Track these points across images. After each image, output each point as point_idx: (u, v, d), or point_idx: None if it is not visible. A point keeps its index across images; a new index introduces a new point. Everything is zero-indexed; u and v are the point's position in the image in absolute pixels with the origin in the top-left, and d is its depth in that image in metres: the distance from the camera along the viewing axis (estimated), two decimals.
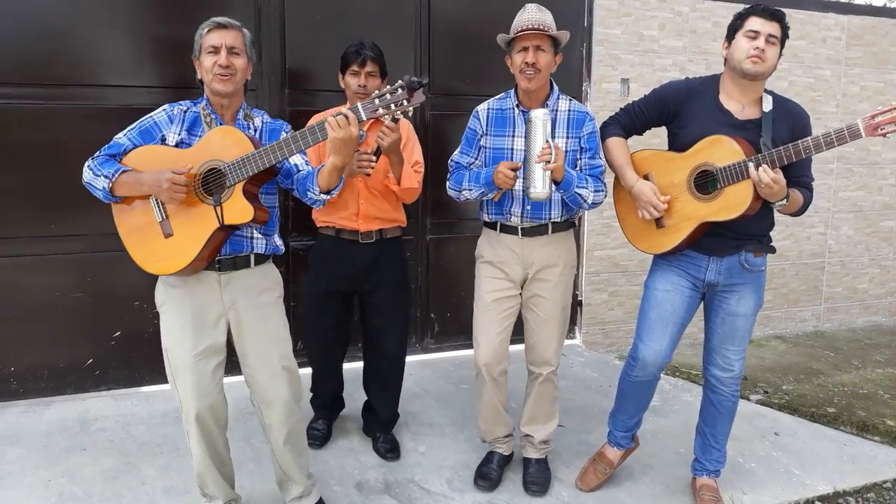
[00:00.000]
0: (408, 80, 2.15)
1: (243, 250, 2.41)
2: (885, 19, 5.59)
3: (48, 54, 3.55)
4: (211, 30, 2.32)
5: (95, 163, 2.31)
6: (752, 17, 2.51)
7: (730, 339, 2.77)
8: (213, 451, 2.46)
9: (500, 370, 2.91)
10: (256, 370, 2.47)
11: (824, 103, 5.41)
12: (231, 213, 2.24)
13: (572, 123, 2.80)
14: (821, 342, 5.41)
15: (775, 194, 2.43)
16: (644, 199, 2.68)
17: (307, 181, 2.40)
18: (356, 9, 4.07)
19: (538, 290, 2.88)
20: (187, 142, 2.35)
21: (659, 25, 4.82)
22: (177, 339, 2.38)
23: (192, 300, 2.38)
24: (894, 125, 2.33)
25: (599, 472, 3.00)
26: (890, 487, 3.15)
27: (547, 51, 2.68)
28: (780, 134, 2.53)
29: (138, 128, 2.36)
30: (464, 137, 2.92)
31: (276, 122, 2.53)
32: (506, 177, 2.63)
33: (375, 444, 3.25)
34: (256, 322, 2.44)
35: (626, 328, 4.97)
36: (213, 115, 2.38)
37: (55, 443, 3.27)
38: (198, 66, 2.38)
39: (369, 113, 2.20)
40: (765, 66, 2.50)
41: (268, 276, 2.51)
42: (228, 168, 2.23)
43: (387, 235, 3.10)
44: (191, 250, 2.26)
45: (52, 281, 3.69)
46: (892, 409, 4.06)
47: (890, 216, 5.88)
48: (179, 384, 2.40)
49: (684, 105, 2.68)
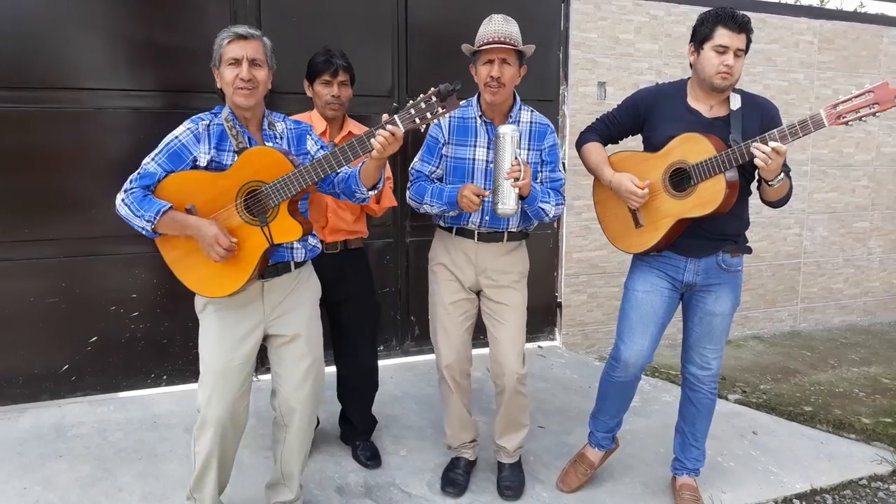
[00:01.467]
0: (443, 87, 2.16)
1: (284, 259, 2.43)
2: (855, 24, 5.69)
3: (20, 57, 3.50)
4: (231, 41, 2.28)
5: (132, 199, 2.23)
6: (720, 29, 2.51)
7: (707, 338, 2.79)
8: (223, 460, 2.46)
9: (462, 372, 2.89)
10: (287, 373, 2.49)
11: (798, 106, 5.48)
12: (279, 233, 2.26)
13: (534, 136, 2.79)
14: (797, 342, 5.48)
15: (773, 170, 2.44)
16: (623, 189, 2.69)
17: (351, 182, 2.43)
18: (333, 12, 4.07)
19: (496, 296, 2.85)
20: (217, 159, 2.31)
21: (635, 29, 4.87)
22: (213, 346, 2.38)
23: (234, 309, 2.39)
24: (855, 113, 2.38)
25: (580, 473, 3.01)
26: (866, 484, 3.19)
27: (512, 64, 2.65)
28: (750, 128, 2.57)
29: (166, 151, 2.28)
30: (424, 145, 2.86)
31: (298, 125, 2.52)
32: (471, 202, 2.59)
33: (355, 452, 3.23)
34: (293, 325, 2.46)
35: (605, 329, 5.00)
36: (239, 127, 2.33)
37: (30, 450, 3.22)
38: (217, 77, 2.33)
39: (407, 125, 2.21)
40: (733, 79, 2.55)
41: (306, 279, 2.55)
42: (271, 189, 2.23)
43: (350, 246, 3.09)
44: (244, 272, 2.27)
45: (27, 286, 3.64)
46: (868, 407, 4.11)
47: (863, 217, 5.97)
48: (207, 389, 2.38)
49: (654, 108, 2.72)
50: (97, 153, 3.68)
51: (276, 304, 2.44)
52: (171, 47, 3.76)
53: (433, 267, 2.95)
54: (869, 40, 5.72)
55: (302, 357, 2.48)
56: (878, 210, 6.02)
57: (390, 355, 4.51)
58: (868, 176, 5.92)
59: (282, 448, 2.58)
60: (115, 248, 3.76)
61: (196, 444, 2.44)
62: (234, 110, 2.34)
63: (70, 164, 3.65)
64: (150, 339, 3.89)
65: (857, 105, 2.37)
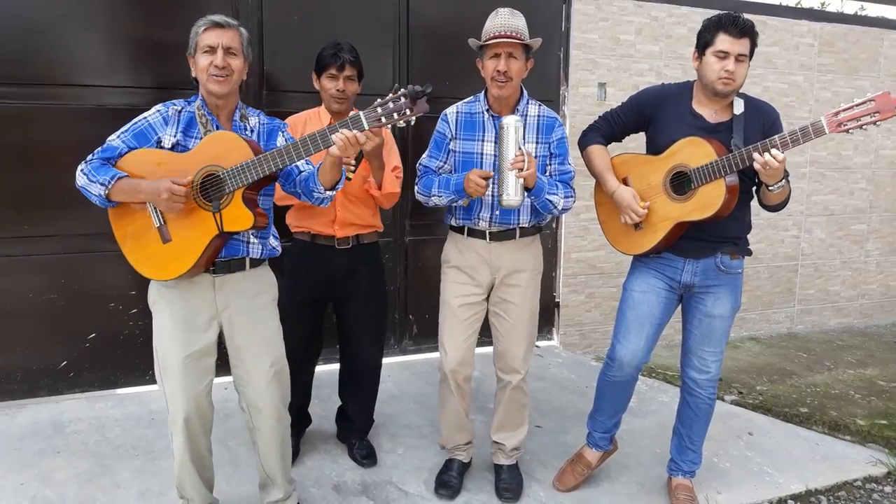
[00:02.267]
0: (410, 89, 2.14)
1: (238, 254, 2.40)
2: (856, 27, 5.70)
3: (21, 53, 3.51)
4: (207, 28, 2.28)
5: (90, 167, 2.25)
6: (721, 35, 2.51)
7: (706, 341, 2.80)
8: (195, 454, 2.44)
9: (466, 376, 2.89)
10: (248, 374, 2.46)
11: (797, 108, 5.49)
12: (230, 220, 2.23)
13: (542, 129, 2.80)
14: (794, 343, 5.49)
15: (775, 175, 2.45)
16: (624, 204, 2.71)
17: (310, 182, 2.40)
18: (335, 11, 4.07)
19: (507, 294, 2.86)
20: (183, 144, 2.31)
21: (636, 30, 4.87)
22: (168, 340, 2.37)
23: (185, 302, 2.37)
24: (856, 121, 2.38)
25: (577, 473, 3.02)
26: (861, 486, 3.20)
27: (518, 58, 2.65)
28: (752, 133, 2.58)
29: (132, 130, 2.30)
30: (432, 141, 2.87)
31: (272, 121, 2.51)
32: (477, 185, 2.59)
33: (351, 451, 3.23)
34: (249, 325, 2.43)
35: (603, 329, 5.01)
36: (209, 116, 2.34)
37: (28, 446, 3.23)
38: (192, 64, 2.33)
39: (372, 122, 2.19)
40: (735, 84, 2.55)
41: (262, 279, 2.51)
42: (228, 174, 2.21)
43: (363, 241, 3.06)
44: (190, 256, 2.25)
45: (26, 282, 3.64)
46: (863, 408, 4.13)
47: (861, 219, 5.98)
48: (168, 385, 2.38)
49: (659, 109, 2.72)
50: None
51: (229, 301, 2.40)
52: (173, 45, 3.74)
53: (446, 269, 2.93)
54: (869, 43, 5.73)
55: (261, 357, 2.45)
56: (875, 213, 6.03)
57: (388, 354, 4.49)
58: (866, 179, 5.93)
59: (258, 450, 2.57)
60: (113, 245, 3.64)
61: (172, 441, 2.44)
62: (206, 98, 2.34)
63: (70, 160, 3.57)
64: (148, 335, 3.79)
65: (857, 113, 2.38)
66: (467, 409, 2.97)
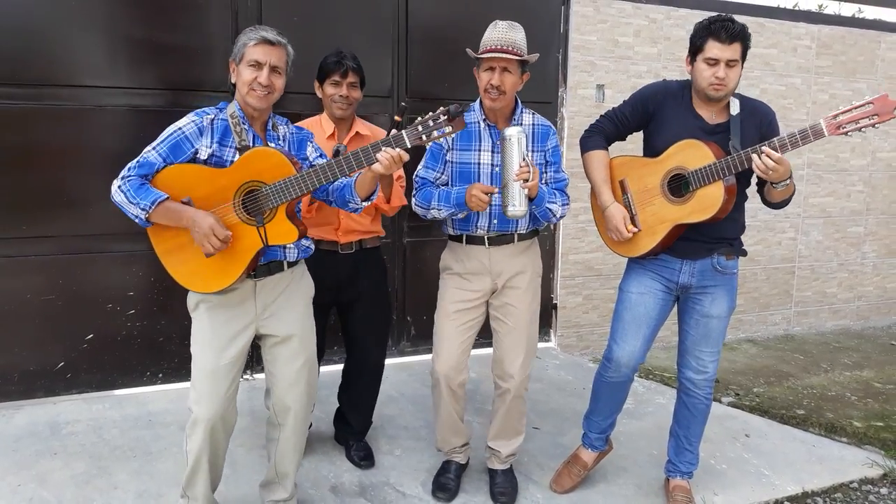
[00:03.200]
0: (453, 108, 2.21)
1: (277, 257, 2.44)
2: (853, 29, 5.71)
3: (21, 54, 3.50)
4: (258, 43, 2.28)
5: (128, 186, 2.22)
6: (711, 41, 2.51)
7: (703, 341, 2.81)
8: (213, 458, 2.46)
9: (459, 382, 2.88)
10: (280, 372, 2.50)
11: (795, 111, 5.50)
12: (275, 235, 2.27)
13: (537, 137, 2.81)
14: (791, 345, 5.50)
15: (782, 175, 2.46)
16: (613, 224, 2.73)
17: (345, 192, 2.44)
18: (334, 13, 4.08)
19: (507, 298, 2.86)
20: (218, 154, 2.31)
21: (634, 32, 4.88)
22: (204, 345, 2.38)
23: (225, 308, 2.39)
24: (855, 124, 2.40)
25: (574, 475, 3.03)
26: (857, 487, 3.21)
27: (513, 72, 2.64)
28: (749, 133, 2.59)
29: (168, 141, 2.27)
30: (428, 151, 2.84)
31: (300, 131, 2.53)
32: (479, 200, 2.58)
33: (349, 452, 3.24)
34: (286, 324, 2.47)
35: (600, 331, 5.02)
36: (245, 125, 2.34)
37: (25, 447, 3.22)
38: (234, 72, 2.33)
39: (414, 141, 2.24)
40: (727, 89, 2.56)
41: (299, 280, 2.55)
42: (271, 191, 2.23)
43: (366, 246, 3.09)
44: (235, 270, 2.28)
45: (23, 283, 3.64)
46: (860, 410, 4.14)
47: (858, 222, 6.00)
48: (198, 388, 2.39)
49: (662, 107, 2.72)
50: (97, 151, 3.68)
51: (268, 303, 2.44)
52: (172, 45, 3.77)
53: (445, 276, 2.93)
54: (866, 46, 5.75)
55: (295, 356, 2.49)
56: (872, 215, 6.04)
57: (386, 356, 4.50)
58: (863, 181, 5.95)
59: (276, 447, 2.59)
60: (112, 246, 3.76)
61: (188, 442, 2.45)
62: (244, 108, 2.35)
63: (69, 161, 3.65)
64: (146, 336, 3.90)
65: (856, 116, 2.39)
66: (461, 412, 2.96)
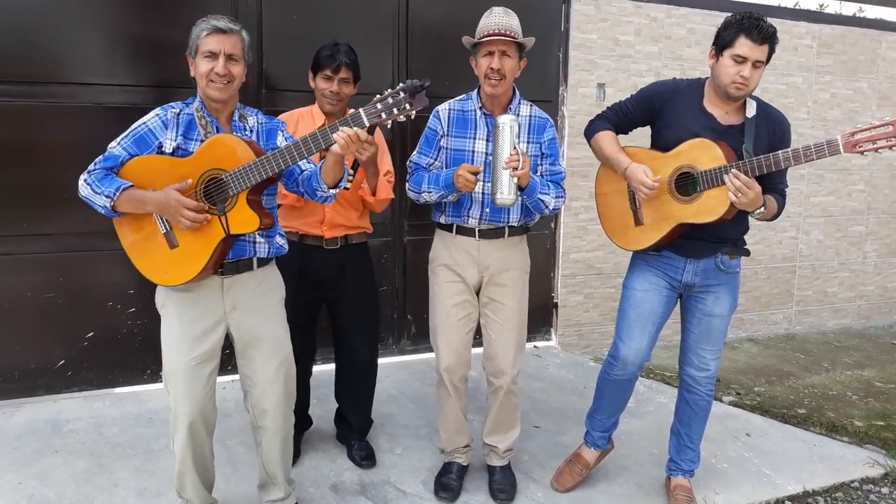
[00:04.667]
0: (409, 83, 2.15)
1: (246, 254, 2.40)
2: (854, 28, 5.70)
3: (19, 52, 3.50)
4: (210, 33, 2.26)
5: (93, 178, 2.24)
6: (742, 39, 2.45)
7: (706, 339, 2.80)
8: (198, 456, 2.45)
9: (462, 376, 2.88)
10: (255, 374, 2.47)
11: (795, 110, 5.50)
12: (237, 223, 2.23)
13: (534, 129, 2.81)
14: (792, 345, 5.50)
15: (750, 203, 2.45)
16: (635, 179, 2.66)
17: (312, 181, 2.39)
18: (334, 10, 4.07)
19: (495, 294, 2.85)
20: (183, 147, 2.30)
21: (635, 31, 4.88)
22: (174, 343, 2.37)
23: (193, 305, 2.37)
24: (872, 144, 2.38)
25: (575, 473, 3.02)
26: (858, 487, 3.21)
27: (512, 56, 2.67)
28: (759, 139, 2.56)
29: (132, 136, 2.29)
30: (423, 137, 2.87)
31: (271, 121, 2.50)
32: (466, 180, 2.59)
33: (350, 452, 3.23)
34: (257, 325, 2.44)
35: (601, 330, 5.01)
36: (209, 118, 2.33)
37: (25, 445, 3.22)
38: (192, 65, 2.32)
39: (372, 119, 2.20)
40: (748, 90, 2.52)
41: (270, 279, 2.51)
42: (231, 177, 2.21)
43: (352, 241, 3.06)
44: (198, 261, 2.25)
45: (23, 281, 3.64)
46: (861, 410, 4.13)
47: (859, 221, 5.99)
48: (172, 387, 2.37)
49: (669, 104, 2.69)
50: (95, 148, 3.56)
51: (237, 302, 2.40)
52: (171, 43, 3.74)
53: (434, 268, 2.93)
54: (867, 45, 5.74)
55: (269, 357, 2.46)
56: (873, 214, 6.04)
57: (387, 354, 4.51)
58: (864, 180, 5.94)
59: (261, 450, 2.57)
60: (112, 244, 3.66)
61: (173, 441, 2.44)
62: (205, 101, 2.34)
63: (68, 158, 3.61)
64: (146, 334, 3.89)
65: (874, 136, 2.38)
66: (465, 408, 2.96)
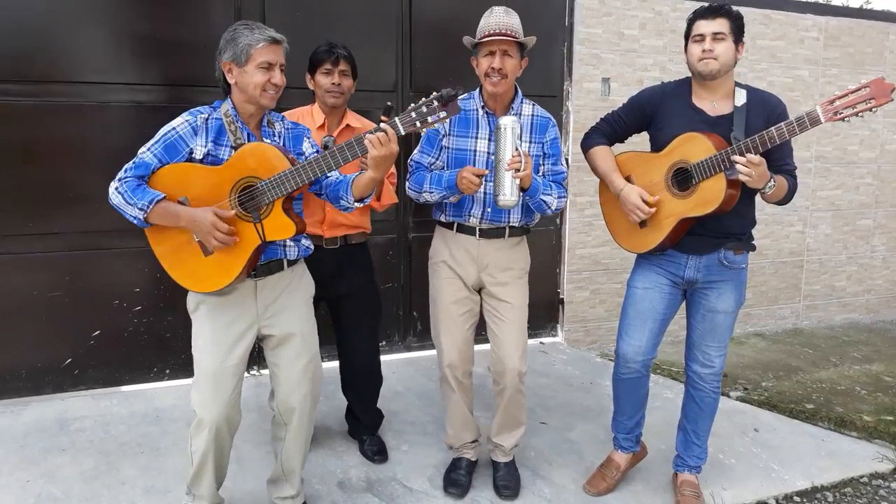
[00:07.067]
0: (444, 93, 2.17)
1: (277, 256, 2.42)
2: (861, 20, 5.67)
3: (25, 51, 3.51)
4: (267, 45, 2.26)
5: (125, 187, 2.22)
6: (696, 21, 2.59)
7: (710, 336, 2.79)
8: (218, 457, 2.46)
9: (465, 372, 2.88)
10: (283, 372, 2.49)
11: (802, 103, 5.46)
12: (273, 230, 2.25)
13: (536, 129, 2.80)
14: (800, 339, 5.47)
15: (758, 180, 2.44)
16: (629, 203, 2.70)
17: (339, 189, 2.41)
18: (337, 8, 4.06)
19: (498, 293, 2.84)
20: (214, 153, 2.30)
21: (640, 25, 4.85)
22: (206, 347, 2.37)
23: (226, 308, 2.38)
24: (852, 109, 2.36)
25: (608, 477, 3.00)
26: (867, 482, 3.19)
27: (513, 55, 2.66)
28: (755, 125, 2.55)
29: (162, 142, 2.26)
30: (424, 136, 2.84)
31: (296, 127, 2.51)
32: (470, 182, 2.58)
33: (362, 447, 3.24)
34: (287, 324, 2.46)
35: (607, 326, 5.00)
36: (239, 123, 2.32)
37: (33, 443, 3.23)
38: (235, 72, 2.28)
39: (407, 127, 2.21)
40: (717, 63, 2.54)
41: (300, 278, 2.54)
42: (267, 186, 2.21)
43: (351, 241, 3.07)
44: (233, 268, 2.26)
45: (30, 280, 3.65)
46: (869, 404, 4.11)
47: (867, 215, 5.96)
48: (202, 391, 2.38)
49: (660, 107, 2.73)
50: (101, 147, 3.68)
51: (269, 303, 2.43)
52: (176, 42, 3.76)
53: (434, 265, 2.93)
54: (875, 37, 5.70)
55: (298, 356, 2.48)
56: (881, 208, 6.00)
57: (392, 350, 4.52)
58: (872, 174, 5.90)
59: (282, 446, 2.59)
60: (118, 242, 3.76)
61: (192, 443, 2.44)
62: (241, 105, 2.33)
63: (74, 157, 3.66)
64: (152, 332, 3.90)
65: (853, 100, 2.36)
66: (471, 404, 2.97)
